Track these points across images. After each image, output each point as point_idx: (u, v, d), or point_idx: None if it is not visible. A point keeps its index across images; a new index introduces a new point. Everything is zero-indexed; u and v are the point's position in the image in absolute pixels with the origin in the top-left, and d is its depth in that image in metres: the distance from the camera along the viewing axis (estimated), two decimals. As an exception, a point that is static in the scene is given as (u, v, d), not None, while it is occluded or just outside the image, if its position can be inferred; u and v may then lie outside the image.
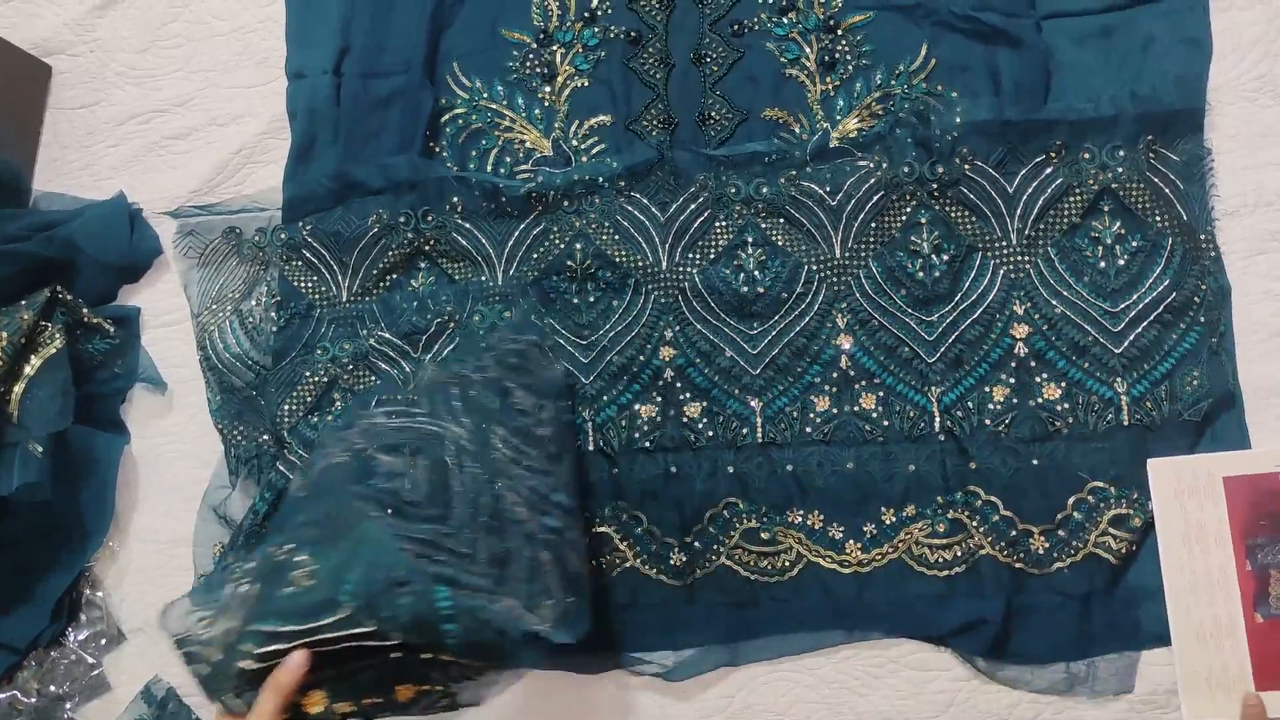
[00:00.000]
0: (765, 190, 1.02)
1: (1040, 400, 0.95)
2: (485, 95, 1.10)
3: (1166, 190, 0.97)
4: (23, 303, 1.04)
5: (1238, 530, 0.88)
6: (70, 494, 1.04)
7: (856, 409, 0.98)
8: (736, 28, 1.08)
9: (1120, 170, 0.97)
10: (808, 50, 1.07)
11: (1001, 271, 0.98)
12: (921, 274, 0.99)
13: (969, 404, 0.96)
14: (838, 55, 1.06)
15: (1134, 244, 0.97)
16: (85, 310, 1.08)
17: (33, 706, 1.03)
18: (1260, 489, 0.88)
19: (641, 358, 1.01)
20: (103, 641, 1.04)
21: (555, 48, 1.10)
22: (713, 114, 1.06)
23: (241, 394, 1.06)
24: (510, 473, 0.85)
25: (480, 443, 0.86)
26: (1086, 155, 0.98)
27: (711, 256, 1.02)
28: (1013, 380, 0.96)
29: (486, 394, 0.90)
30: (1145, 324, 0.95)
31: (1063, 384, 0.95)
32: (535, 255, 1.04)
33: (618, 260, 1.02)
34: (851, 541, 0.96)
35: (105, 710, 1.03)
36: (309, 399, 1.04)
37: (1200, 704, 0.87)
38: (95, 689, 1.03)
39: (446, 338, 1.02)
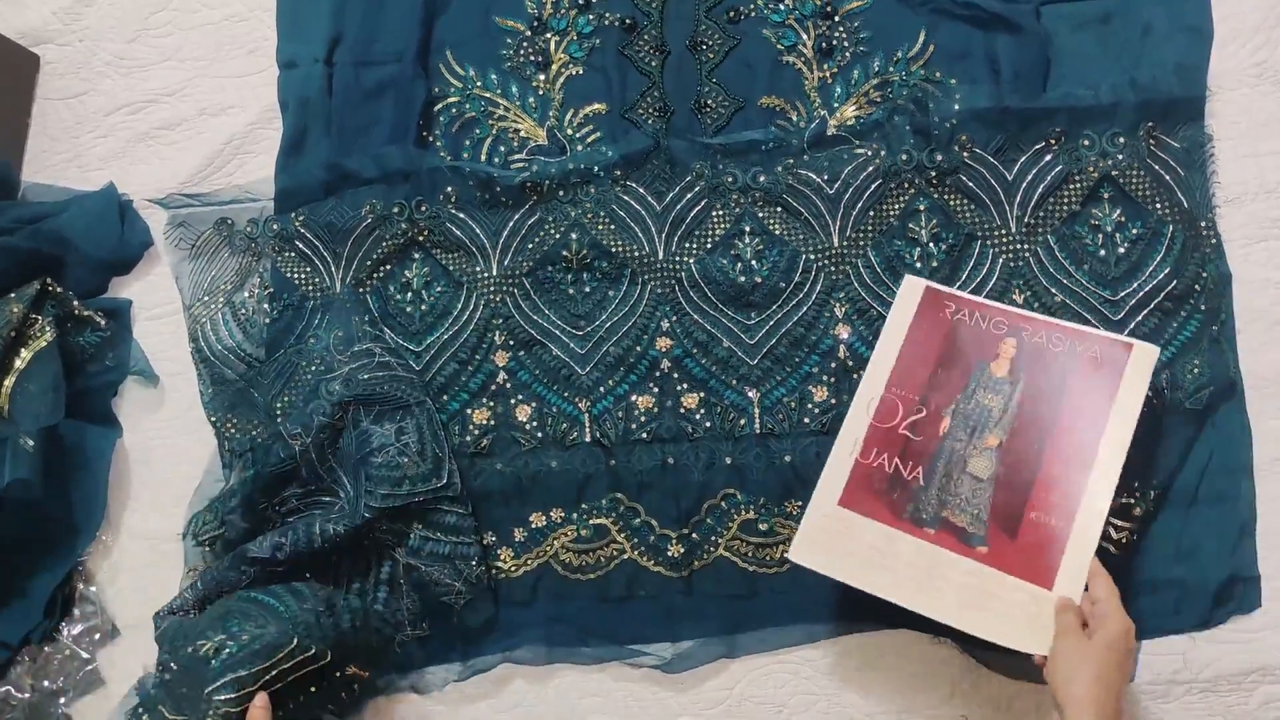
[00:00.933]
0: (762, 179, 1.01)
1: (1040, 389, 0.95)
2: (479, 84, 1.09)
3: (1167, 177, 0.96)
4: (12, 295, 1.03)
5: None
6: (62, 488, 1.03)
7: (855, 399, 0.97)
8: (732, 14, 1.07)
9: (1120, 157, 0.97)
10: (805, 37, 1.06)
11: (1001, 260, 0.98)
12: (920, 263, 0.98)
13: (968, 393, 0.95)
14: (835, 42, 1.05)
15: (1134, 232, 0.96)
16: (76, 303, 1.07)
17: (26, 702, 1.02)
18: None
19: (638, 348, 1.00)
20: (96, 636, 1.03)
21: (550, 35, 1.09)
22: (709, 102, 1.05)
23: (234, 386, 1.05)
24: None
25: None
26: (1086, 142, 0.97)
27: (708, 246, 1.01)
28: (1012, 369, 0.95)
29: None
30: (1145, 312, 0.94)
31: (1063, 373, 0.95)
32: (530, 245, 1.03)
33: (614, 250, 1.02)
34: (850, 532, 0.95)
35: (99, 705, 1.02)
36: (305, 390, 1.03)
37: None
38: (89, 684, 1.02)
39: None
